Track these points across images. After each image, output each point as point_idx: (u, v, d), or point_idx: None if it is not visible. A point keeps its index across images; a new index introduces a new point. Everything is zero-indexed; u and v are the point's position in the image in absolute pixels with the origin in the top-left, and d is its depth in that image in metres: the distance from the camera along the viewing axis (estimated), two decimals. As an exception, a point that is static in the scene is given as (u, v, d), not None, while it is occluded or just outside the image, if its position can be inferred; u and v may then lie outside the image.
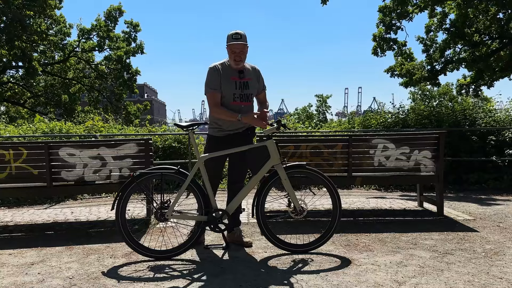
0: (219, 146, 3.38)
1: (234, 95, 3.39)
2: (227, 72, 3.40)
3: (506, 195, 5.96)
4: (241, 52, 3.35)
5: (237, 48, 3.31)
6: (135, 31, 22.78)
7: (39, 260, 3.22)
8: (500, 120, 7.20)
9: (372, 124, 7.72)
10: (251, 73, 3.52)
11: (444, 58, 15.19)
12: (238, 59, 3.35)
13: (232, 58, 3.36)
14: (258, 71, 3.59)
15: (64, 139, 6.90)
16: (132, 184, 3.16)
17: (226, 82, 3.37)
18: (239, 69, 3.43)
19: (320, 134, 7.80)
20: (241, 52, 3.35)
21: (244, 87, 3.43)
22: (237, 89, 3.40)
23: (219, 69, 3.39)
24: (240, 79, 3.42)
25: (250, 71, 3.52)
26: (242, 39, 3.32)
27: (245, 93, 3.43)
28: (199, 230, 3.23)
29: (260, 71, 3.62)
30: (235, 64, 3.38)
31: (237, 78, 3.41)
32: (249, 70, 3.52)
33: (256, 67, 3.60)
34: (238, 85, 3.40)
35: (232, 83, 3.39)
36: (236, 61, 3.36)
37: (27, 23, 17.38)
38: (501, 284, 2.61)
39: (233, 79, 3.40)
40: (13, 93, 22.82)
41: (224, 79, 3.37)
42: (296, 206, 3.23)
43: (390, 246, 3.42)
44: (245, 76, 3.45)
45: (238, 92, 3.40)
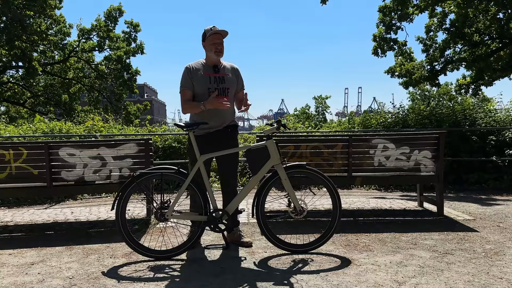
0: (200, 145, 3.34)
1: (209, 90, 3.38)
2: (201, 69, 3.43)
3: (506, 195, 5.96)
4: (221, 43, 3.39)
5: (217, 39, 3.37)
6: (135, 31, 22.80)
7: (39, 260, 3.22)
8: (500, 120, 7.20)
9: (372, 124, 7.71)
10: (229, 70, 3.52)
11: (444, 58, 15.19)
12: (219, 49, 3.37)
13: (213, 50, 3.37)
14: (237, 69, 3.59)
15: (64, 139, 6.90)
16: (132, 184, 3.16)
17: (199, 78, 3.39)
18: (213, 64, 3.44)
19: (320, 134, 7.80)
20: (221, 43, 3.39)
21: (219, 81, 3.43)
22: (212, 83, 3.40)
23: (191, 67, 3.44)
24: (215, 74, 3.43)
25: (227, 68, 3.52)
26: (222, 32, 3.38)
27: (220, 87, 3.41)
28: (199, 230, 3.23)
29: (239, 70, 3.61)
30: (216, 56, 3.39)
31: (212, 73, 3.43)
32: (227, 67, 3.52)
33: (235, 66, 3.60)
34: (212, 79, 3.41)
35: (205, 78, 3.40)
36: (218, 51, 3.37)
37: (27, 23, 17.38)
38: (501, 284, 2.61)
39: (207, 74, 3.41)
40: (13, 93, 22.83)
41: (196, 76, 3.40)
42: (296, 206, 3.23)
43: (390, 246, 3.42)
44: (220, 72, 3.46)
45: (213, 87, 3.40)
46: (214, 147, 3.36)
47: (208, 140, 3.42)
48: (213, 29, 3.38)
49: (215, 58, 3.42)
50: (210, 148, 3.33)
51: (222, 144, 3.40)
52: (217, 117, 3.41)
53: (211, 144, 3.39)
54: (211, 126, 3.41)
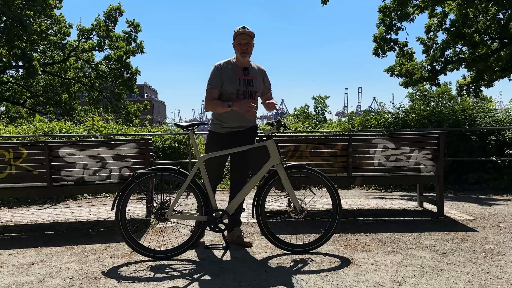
0: (220, 143, 3.38)
1: (238, 92, 3.38)
2: (231, 69, 3.40)
3: (506, 195, 5.96)
4: (248, 43, 3.35)
5: (244, 39, 3.34)
6: (135, 31, 22.80)
7: (39, 260, 3.22)
8: (500, 120, 7.20)
9: (372, 124, 7.71)
10: (257, 72, 3.51)
11: (444, 58, 15.20)
12: (244, 50, 3.34)
13: (239, 50, 3.36)
14: (264, 71, 3.59)
15: (64, 139, 6.90)
16: (132, 184, 3.16)
17: (229, 78, 3.37)
18: (244, 65, 3.42)
19: (320, 134, 7.80)
20: (248, 43, 3.35)
21: (248, 84, 3.42)
22: (241, 85, 3.39)
23: (222, 67, 3.41)
24: (245, 76, 3.41)
25: (255, 70, 3.51)
26: (249, 32, 3.36)
27: (249, 90, 3.42)
28: (199, 230, 3.23)
29: (266, 72, 3.62)
30: (241, 57, 3.37)
31: (241, 75, 3.40)
32: (255, 69, 3.51)
33: (262, 67, 3.60)
34: (242, 82, 3.40)
35: (235, 80, 3.38)
36: (243, 52, 3.35)
37: (27, 23, 17.38)
38: (501, 284, 2.61)
39: (236, 76, 3.39)
40: (13, 93, 22.83)
41: (226, 76, 3.37)
42: (296, 206, 3.23)
43: (390, 246, 3.42)
44: (250, 74, 3.44)
45: (241, 89, 3.39)
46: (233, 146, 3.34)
47: (228, 138, 3.41)
48: (241, 29, 3.36)
49: (241, 59, 3.40)
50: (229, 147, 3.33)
51: (241, 145, 3.36)
52: (242, 119, 3.41)
53: (231, 143, 3.36)
54: (233, 125, 3.41)
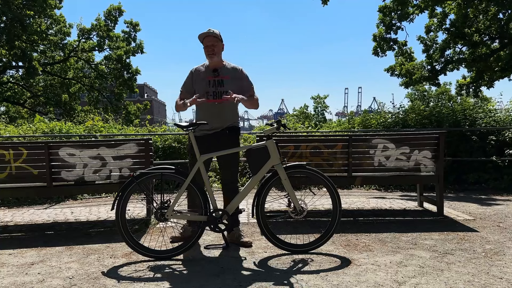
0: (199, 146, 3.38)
1: (208, 93, 3.46)
2: (203, 72, 3.53)
3: (506, 195, 5.96)
4: (213, 45, 3.44)
5: (208, 41, 3.44)
6: (134, 30, 22.79)
7: (39, 260, 3.22)
8: (500, 120, 7.20)
9: (372, 124, 7.71)
10: (230, 72, 3.54)
11: (444, 58, 15.20)
12: (210, 51, 3.44)
13: (206, 52, 3.47)
14: (239, 70, 3.59)
15: (64, 139, 6.90)
16: (132, 184, 3.16)
17: (200, 81, 3.50)
18: (214, 67, 3.50)
19: (320, 134, 7.80)
20: (213, 45, 3.44)
21: (218, 85, 3.47)
22: (210, 87, 3.47)
23: (195, 70, 3.59)
24: (214, 77, 3.48)
25: (228, 70, 3.54)
26: (212, 33, 3.43)
27: (219, 90, 3.47)
28: (199, 230, 3.23)
29: (242, 71, 3.60)
30: (209, 58, 3.48)
31: (211, 76, 3.49)
32: (228, 69, 3.54)
33: (238, 67, 3.61)
34: (211, 83, 3.47)
35: (205, 82, 3.49)
36: (209, 54, 3.45)
37: (27, 23, 17.38)
38: (501, 284, 2.61)
39: (207, 78, 3.49)
40: (13, 93, 22.83)
41: (198, 79, 3.52)
42: (296, 206, 3.23)
43: (390, 246, 3.42)
44: (220, 74, 3.49)
45: (211, 90, 3.47)
46: (213, 149, 3.38)
47: (206, 141, 3.47)
48: (204, 32, 3.45)
49: (210, 61, 3.50)
50: (208, 150, 3.36)
51: (221, 147, 3.40)
52: (215, 119, 3.45)
53: (209, 146, 3.43)
54: (209, 128, 3.46)
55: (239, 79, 3.56)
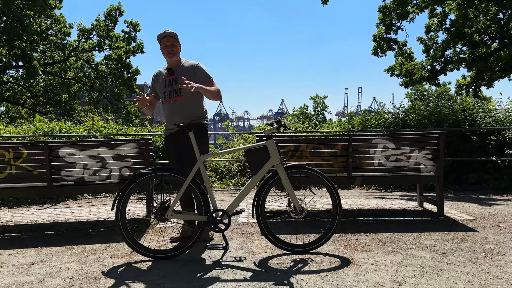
0: (167, 145, 3.64)
1: (165, 93, 3.56)
2: (162, 74, 3.61)
3: (506, 195, 5.96)
4: (172, 45, 3.49)
5: (167, 41, 3.49)
6: (134, 30, 22.80)
7: (39, 260, 3.22)
8: (500, 120, 7.20)
9: (372, 124, 7.71)
10: (185, 69, 3.55)
11: (444, 58, 15.20)
12: (170, 51, 3.49)
13: (165, 52, 3.51)
14: (195, 66, 3.56)
15: (64, 139, 6.90)
16: (132, 184, 3.16)
17: (159, 83, 3.60)
18: (171, 66, 3.55)
19: (320, 134, 7.80)
20: (172, 45, 3.49)
21: (172, 83, 3.52)
22: (166, 87, 3.54)
23: (156, 74, 3.68)
24: (169, 76, 3.54)
25: (183, 67, 3.56)
26: (171, 33, 3.50)
27: (173, 89, 3.52)
28: (199, 230, 3.23)
29: (198, 65, 3.56)
30: (169, 58, 3.52)
31: (167, 76, 3.56)
32: (183, 67, 3.56)
33: (194, 63, 3.60)
34: (167, 83, 3.54)
35: (162, 83, 3.57)
36: (169, 54, 3.50)
37: (27, 23, 17.38)
38: (501, 284, 2.61)
39: (164, 79, 3.56)
40: (13, 93, 22.83)
41: (157, 82, 3.63)
42: (296, 206, 3.23)
43: (390, 246, 3.42)
44: (175, 73, 3.53)
45: (167, 90, 3.54)
46: (180, 148, 3.48)
47: (170, 141, 3.60)
48: (163, 33, 3.51)
49: (169, 60, 3.55)
50: (176, 149, 3.52)
51: (185, 145, 3.40)
52: (176, 117, 3.50)
53: (175, 144, 3.55)
54: (169, 127, 3.59)
55: (194, 74, 3.51)
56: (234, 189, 6.95)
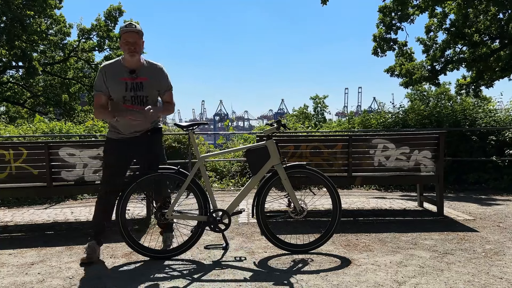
0: (117, 149, 3.21)
1: (125, 98, 3.10)
2: (117, 72, 3.11)
3: (506, 195, 5.96)
4: (136, 42, 3.07)
5: (130, 37, 3.06)
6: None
7: (39, 260, 3.22)
8: (500, 120, 7.20)
9: (372, 124, 7.72)
10: (149, 72, 3.17)
11: (444, 58, 15.19)
12: (132, 49, 3.06)
13: (126, 50, 3.06)
14: (160, 69, 3.24)
15: (64, 139, 6.90)
16: (132, 184, 3.16)
17: (114, 83, 3.09)
18: (132, 67, 3.12)
19: (320, 134, 7.80)
20: (136, 42, 3.07)
21: (137, 88, 3.10)
22: (128, 91, 3.09)
23: (106, 69, 3.13)
24: (132, 79, 3.10)
25: (147, 70, 3.17)
26: (135, 29, 3.08)
27: (138, 95, 3.11)
28: (199, 230, 3.23)
29: (163, 70, 3.26)
30: (130, 56, 3.08)
31: (128, 78, 3.09)
32: (147, 69, 3.18)
33: (158, 65, 3.25)
34: (129, 86, 3.09)
35: (121, 85, 3.08)
36: (131, 52, 3.06)
37: (27, 23, 17.37)
38: (501, 284, 2.61)
39: (123, 80, 3.09)
40: (13, 93, 22.82)
41: (111, 80, 3.09)
42: (296, 206, 3.23)
43: (390, 246, 3.42)
44: (139, 76, 3.12)
45: (129, 95, 3.09)
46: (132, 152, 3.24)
47: (125, 145, 3.21)
48: (127, 27, 3.08)
49: (129, 59, 3.10)
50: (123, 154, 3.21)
51: (142, 150, 3.25)
52: (135, 126, 3.16)
53: (128, 149, 3.22)
54: (125, 133, 3.20)
55: (159, 80, 3.22)
56: (234, 189, 6.95)
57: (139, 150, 3.27)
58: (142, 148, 3.27)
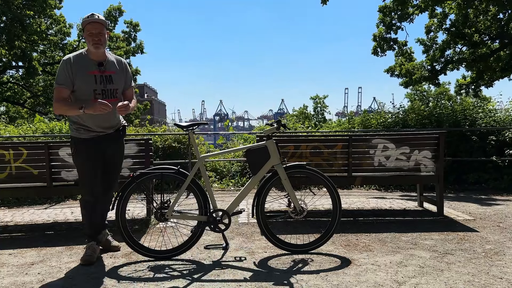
0: (91, 148, 3.09)
1: (95, 91, 3.01)
2: (84, 65, 3.01)
3: (506, 195, 5.96)
4: (100, 33, 2.98)
5: (95, 29, 2.97)
6: (134, 30, 22.81)
7: (39, 260, 3.22)
8: (500, 120, 7.20)
9: (372, 124, 7.71)
10: (115, 65, 3.16)
11: (444, 58, 15.20)
12: (97, 40, 2.97)
13: (90, 41, 2.97)
14: (124, 64, 3.24)
15: (64, 139, 6.90)
16: (132, 184, 3.16)
17: (83, 76, 2.99)
18: (99, 59, 3.06)
19: (320, 134, 7.80)
20: (100, 33, 2.98)
21: (107, 81, 3.05)
22: (98, 84, 3.02)
23: (71, 61, 2.99)
24: (101, 72, 3.04)
25: (114, 63, 3.15)
26: (99, 20, 3.00)
27: (108, 88, 3.06)
28: (199, 230, 3.23)
29: (126, 64, 3.27)
30: (94, 48, 2.99)
31: (97, 71, 3.03)
32: (113, 62, 3.15)
33: (123, 60, 3.27)
34: (98, 79, 3.03)
35: (90, 78, 3.00)
36: (96, 43, 2.97)
37: (27, 23, 17.38)
38: (501, 284, 2.61)
39: (92, 73, 3.01)
40: (13, 93, 22.83)
41: (79, 73, 2.98)
42: (296, 206, 3.23)
43: (390, 246, 3.42)
44: (107, 69, 3.08)
45: (99, 88, 3.03)
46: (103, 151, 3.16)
47: (97, 143, 3.12)
48: (90, 18, 2.99)
49: (94, 51, 3.01)
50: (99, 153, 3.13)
51: (112, 148, 3.22)
52: (109, 119, 3.11)
53: (101, 147, 3.13)
54: (97, 130, 3.10)
55: (124, 73, 3.22)
56: (234, 189, 6.95)
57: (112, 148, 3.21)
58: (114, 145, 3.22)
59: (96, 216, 3.28)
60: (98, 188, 3.20)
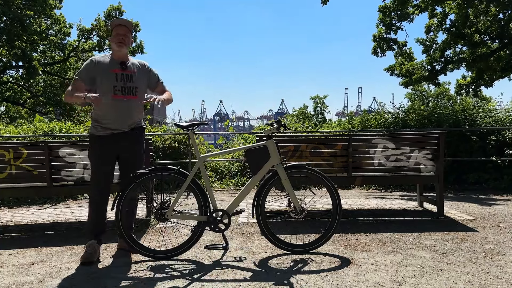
0: (104, 146, 3.20)
1: (115, 88, 3.17)
2: (108, 64, 3.23)
3: (506, 195, 5.96)
4: (125, 35, 3.24)
5: (121, 30, 3.24)
6: (134, 30, 22.81)
7: (39, 260, 3.22)
8: (500, 120, 7.20)
9: (372, 124, 7.72)
10: (137, 67, 3.33)
11: (444, 58, 15.19)
12: (121, 40, 3.21)
13: (116, 41, 3.22)
14: (145, 65, 3.41)
15: (64, 139, 6.90)
16: (132, 184, 3.16)
17: (105, 74, 3.18)
18: (121, 59, 3.25)
19: (320, 134, 7.81)
20: (125, 35, 3.24)
21: (127, 79, 3.23)
22: (118, 81, 3.19)
23: (97, 61, 3.24)
24: (122, 71, 3.22)
25: (136, 66, 3.33)
26: (127, 23, 3.29)
27: (128, 86, 3.22)
28: (199, 230, 3.23)
29: (148, 65, 3.44)
30: (117, 47, 3.21)
31: (119, 70, 3.22)
32: (135, 65, 3.33)
33: (143, 62, 3.42)
34: (119, 77, 3.20)
35: (111, 75, 3.19)
36: (120, 43, 3.20)
37: (27, 23, 17.38)
38: (501, 284, 2.61)
39: (113, 71, 3.20)
40: (13, 93, 22.83)
41: (102, 71, 3.19)
42: (296, 206, 3.23)
43: (390, 246, 3.42)
44: (128, 69, 3.26)
45: (119, 85, 3.19)
46: (118, 150, 3.23)
47: (112, 141, 3.20)
48: (119, 20, 3.28)
49: (117, 50, 3.23)
50: (114, 151, 3.21)
51: (127, 148, 3.26)
52: (123, 118, 3.21)
53: (116, 145, 3.22)
54: (112, 127, 3.19)
55: (146, 72, 3.38)
56: (234, 189, 6.95)
57: (127, 147, 3.25)
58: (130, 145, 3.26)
59: (100, 215, 3.30)
60: (106, 187, 3.28)
